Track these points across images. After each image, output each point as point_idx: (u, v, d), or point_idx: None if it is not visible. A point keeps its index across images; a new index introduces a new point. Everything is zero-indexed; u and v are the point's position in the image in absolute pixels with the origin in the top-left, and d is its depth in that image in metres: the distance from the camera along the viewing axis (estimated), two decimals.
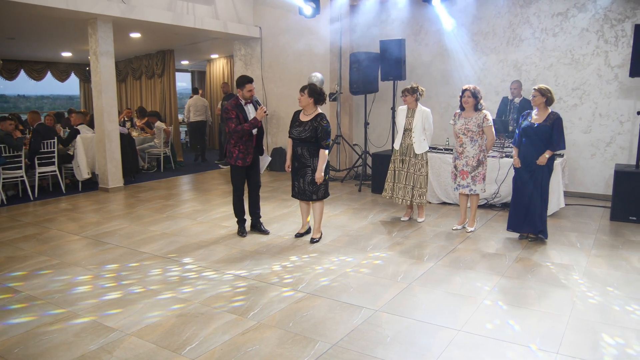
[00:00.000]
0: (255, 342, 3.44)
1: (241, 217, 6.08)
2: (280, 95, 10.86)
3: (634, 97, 7.58)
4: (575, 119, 8.05)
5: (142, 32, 10.74)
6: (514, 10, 8.38)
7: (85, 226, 6.54)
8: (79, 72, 17.00)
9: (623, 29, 7.60)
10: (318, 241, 5.74)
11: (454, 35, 8.88)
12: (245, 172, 5.93)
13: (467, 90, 5.94)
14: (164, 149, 11.36)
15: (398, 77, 8.37)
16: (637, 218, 6.48)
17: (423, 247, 5.56)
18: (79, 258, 5.29)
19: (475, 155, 6.01)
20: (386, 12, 9.49)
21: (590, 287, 4.41)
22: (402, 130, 6.39)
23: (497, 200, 7.25)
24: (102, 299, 4.21)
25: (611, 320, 3.77)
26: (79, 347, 3.41)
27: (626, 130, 7.72)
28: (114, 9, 8.14)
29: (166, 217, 6.96)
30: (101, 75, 8.58)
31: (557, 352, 3.29)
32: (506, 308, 3.99)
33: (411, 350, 3.33)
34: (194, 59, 16.07)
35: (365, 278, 4.63)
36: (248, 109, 5.82)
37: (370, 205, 7.57)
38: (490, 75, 8.69)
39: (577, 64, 7.98)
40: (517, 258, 5.16)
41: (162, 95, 13.56)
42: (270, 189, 8.80)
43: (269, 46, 10.94)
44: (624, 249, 5.48)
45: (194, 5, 9.54)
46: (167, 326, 3.69)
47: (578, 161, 8.07)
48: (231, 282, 4.55)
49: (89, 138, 9.12)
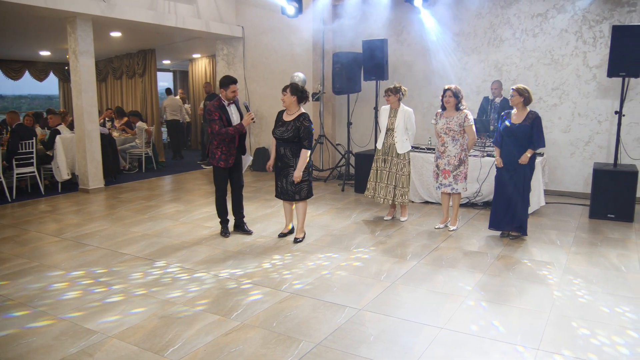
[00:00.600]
0: (238, 343, 3.43)
1: (224, 217, 6.05)
2: (263, 95, 10.83)
3: (611, 97, 7.71)
4: (555, 118, 8.16)
5: (123, 31, 10.62)
6: (495, 11, 8.47)
7: (65, 228, 6.45)
8: (58, 71, 16.76)
9: (601, 30, 7.72)
10: (301, 241, 5.73)
11: (436, 35, 8.94)
12: (227, 173, 5.91)
13: (448, 90, 5.99)
14: (146, 149, 11.25)
15: (380, 77, 8.40)
16: (615, 216, 6.59)
17: (406, 246, 5.59)
18: (58, 260, 5.22)
19: (456, 155, 6.06)
20: (369, 12, 9.51)
21: (570, 284, 4.47)
22: (384, 130, 6.42)
23: (479, 199, 7.31)
24: (83, 301, 4.16)
25: (590, 316, 3.82)
26: (59, 350, 3.36)
27: (604, 130, 7.84)
28: (94, 7, 8.03)
29: (148, 218, 6.89)
30: (81, 75, 8.47)
31: (537, 348, 3.33)
32: (488, 306, 4.03)
33: (394, 348, 3.35)
34: (176, 58, 15.95)
35: (348, 277, 4.64)
36: (231, 110, 5.78)
37: (353, 205, 7.59)
38: (471, 75, 8.77)
39: (557, 64, 8.09)
40: (499, 256, 5.22)
41: (144, 95, 13.43)
42: (253, 189, 8.77)
43: (251, 46, 10.91)
44: (602, 246, 5.57)
45: (176, 5, 9.47)
46: (150, 328, 3.66)
47: (558, 160, 8.18)
48: (214, 283, 4.52)
49: (69, 138, 9.00)
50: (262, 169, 10.68)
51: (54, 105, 18.33)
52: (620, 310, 3.92)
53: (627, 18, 7.51)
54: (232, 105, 5.81)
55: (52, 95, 19.99)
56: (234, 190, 6.05)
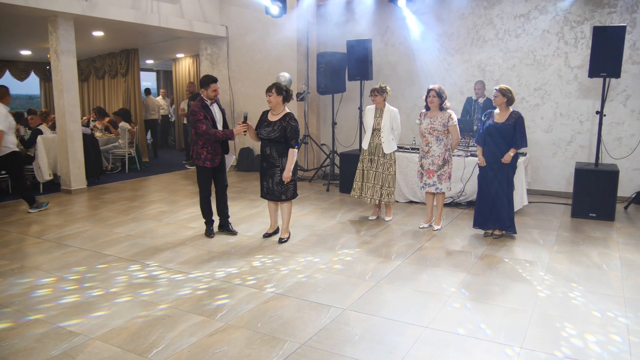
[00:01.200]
0: (223, 344, 3.41)
1: (209, 218, 6.02)
2: (248, 95, 10.79)
3: (592, 97, 7.81)
4: (537, 118, 8.24)
5: (105, 31, 10.52)
6: (478, 11, 8.53)
7: (47, 229, 6.37)
8: (40, 70, 16.54)
9: (582, 30, 7.82)
10: (286, 241, 5.72)
11: (420, 36, 8.99)
12: (212, 173, 5.88)
13: (432, 90, 6.03)
14: (129, 150, 11.15)
15: (365, 77, 8.42)
16: (596, 215, 6.67)
17: (390, 245, 5.61)
18: (40, 262, 5.15)
19: (441, 154, 6.10)
20: (353, 12, 9.53)
21: (552, 282, 4.52)
22: (370, 130, 6.43)
23: (462, 198, 7.36)
24: (65, 303, 4.10)
25: (573, 314, 3.87)
26: (41, 353, 3.32)
27: (586, 130, 7.95)
28: (75, 6, 7.94)
29: (131, 219, 6.83)
30: (62, 75, 8.37)
31: (521, 346, 3.36)
32: (472, 305, 4.06)
33: (379, 348, 3.36)
34: (159, 58, 15.83)
35: (333, 277, 4.64)
36: (214, 109, 5.77)
37: (338, 205, 7.59)
38: (454, 75, 8.82)
39: (539, 65, 8.17)
40: (482, 255, 5.26)
41: (127, 94, 13.31)
42: (238, 189, 8.73)
43: (235, 45, 10.87)
44: (584, 245, 5.64)
45: (159, 4, 9.39)
46: (133, 329, 3.63)
47: (540, 160, 8.27)
48: (198, 284, 4.50)
49: (51, 139, 8.89)
50: (247, 169, 10.66)
51: (35, 105, 18.09)
52: (602, 308, 3.97)
53: (608, 19, 7.62)
54: (214, 104, 5.79)
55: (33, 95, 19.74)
56: (219, 190, 6.02)
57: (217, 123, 5.76)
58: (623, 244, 5.66)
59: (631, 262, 5.06)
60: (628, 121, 7.66)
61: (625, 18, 7.52)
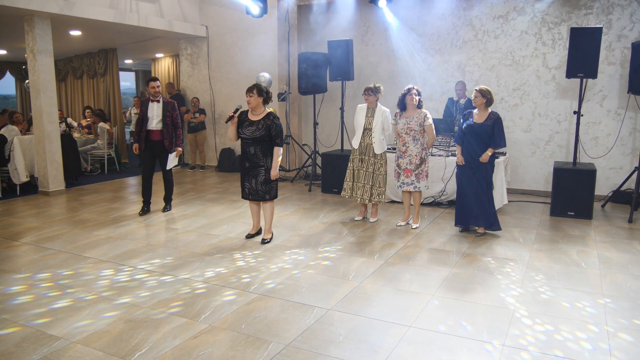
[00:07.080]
0: (207, 346, 3.39)
1: (146, 198, 7.10)
2: (228, 95, 10.74)
3: (570, 97, 7.94)
4: (516, 118, 8.35)
5: (83, 30, 10.36)
6: (457, 12, 8.61)
7: (24, 231, 6.26)
8: (15, 70, 16.23)
9: (559, 31, 7.94)
10: (269, 242, 5.71)
11: (400, 36, 9.04)
12: (149, 158, 6.94)
13: (412, 88, 6.11)
14: (108, 150, 11.01)
15: (346, 78, 8.44)
16: (575, 213, 6.78)
17: (373, 245, 5.63)
18: (18, 265, 5.05)
19: (418, 154, 6.17)
20: (334, 12, 9.54)
21: (532, 280, 4.58)
22: (361, 129, 6.42)
23: (443, 198, 7.42)
24: (45, 306, 4.04)
25: (553, 311, 3.92)
26: (21, 357, 3.26)
27: (563, 129, 8.07)
28: (52, 5, 7.81)
29: (111, 221, 6.75)
30: (39, 75, 8.23)
31: (503, 344, 3.40)
32: (454, 303, 4.09)
33: (363, 347, 3.37)
34: (139, 58, 15.66)
35: (317, 277, 4.64)
36: (152, 106, 6.76)
37: (320, 205, 7.60)
38: (435, 76, 8.89)
39: (518, 65, 8.28)
40: (464, 254, 5.31)
41: (106, 95, 13.14)
42: (219, 190, 8.68)
43: (216, 45, 10.81)
44: (563, 243, 5.73)
45: (138, 3, 9.29)
46: (115, 332, 3.58)
47: (519, 159, 8.38)
48: (181, 286, 4.46)
49: (27, 139, 8.74)
50: (228, 169, 10.61)
51: (11, 105, 17.75)
52: (581, 305, 4.04)
53: (584, 20, 7.75)
54: (156, 102, 6.75)
55: (8, 95, 19.37)
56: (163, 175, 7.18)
57: (150, 119, 6.77)
58: (601, 241, 5.77)
59: (608, 259, 5.15)
60: (604, 121, 7.80)
61: (601, 19, 7.66)
